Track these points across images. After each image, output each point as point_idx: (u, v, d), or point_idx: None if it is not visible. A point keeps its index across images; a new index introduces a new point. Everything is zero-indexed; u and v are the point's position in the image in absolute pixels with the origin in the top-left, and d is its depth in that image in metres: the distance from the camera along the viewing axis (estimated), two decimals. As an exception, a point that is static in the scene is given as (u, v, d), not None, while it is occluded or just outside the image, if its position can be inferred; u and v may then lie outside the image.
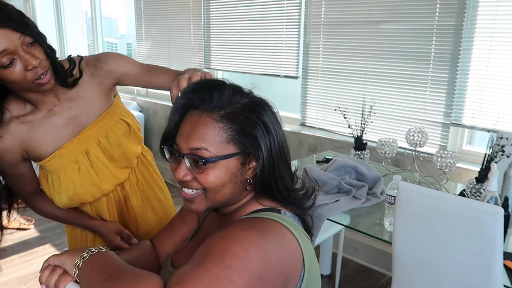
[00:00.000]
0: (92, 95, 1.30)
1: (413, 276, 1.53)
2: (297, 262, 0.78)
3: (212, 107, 0.80)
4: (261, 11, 3.20)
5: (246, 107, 0.81)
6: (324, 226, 1.86)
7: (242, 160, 0.81)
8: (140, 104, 4.43)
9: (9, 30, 1.02)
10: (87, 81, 1.30)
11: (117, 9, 5.69)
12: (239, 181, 0.82)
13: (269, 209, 0.84)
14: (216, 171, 0.79)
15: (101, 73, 1.32)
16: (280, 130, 0.85)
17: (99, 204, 1.40)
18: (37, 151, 1.27)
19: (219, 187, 0.81)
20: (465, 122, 2.34)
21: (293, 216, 0.86)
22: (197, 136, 0.79)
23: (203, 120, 0.79)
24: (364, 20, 2.65)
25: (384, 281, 2.67)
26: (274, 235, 0.76)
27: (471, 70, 2.28)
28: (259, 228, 0.75)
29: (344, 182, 1.94)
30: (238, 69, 3.50)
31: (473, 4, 2.21)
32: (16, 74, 1.06)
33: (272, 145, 0.82)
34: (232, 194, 0.83)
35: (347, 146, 2.76)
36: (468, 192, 1.85)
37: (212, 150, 0.78)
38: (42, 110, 1.23)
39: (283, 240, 0.76)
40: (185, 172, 0.81)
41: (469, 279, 1.37)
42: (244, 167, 0.82)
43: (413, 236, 1.49)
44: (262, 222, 0.79)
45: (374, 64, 2.65)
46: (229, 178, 0.81)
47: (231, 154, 0.80)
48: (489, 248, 1.31)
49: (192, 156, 0.79)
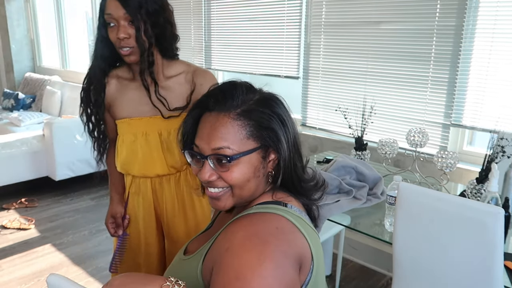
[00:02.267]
0: (181, 96, 1.48)
1: (414, 276, 1.53)
2: (305, 254, 0.80)
3: (228, 107, 0.83)
4: (262, 11, 3.20)
5: (259, 103, 0.85)
6: (325, 226, 1.86)
7: (263, 154, 0.84)
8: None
9: (119, 4, 1.29)
10: (184, 82, 1.51)
11: (117, 9, 5.68)
12: (262, 174, 0.86)
13: (276, 202, 0.86)
14: (240, 168, 0.82)
15: (198, 86, 1.49)
16: (292, 121, 0.89)
17: (140, 183, 1.55)
18: (115, 110, 1.50)
19: (244, 182, 0.84)
20: (466, 123, 2.34)
21: (299, 210, 0.87)
22: (218, 136, 0.82)
23: (221, 120, 0.83)
24: (365, 21, 2.65)
25: (384, 281, 2.67)
26: (277, 236, 0.77)
27: (471, 71, 2.28)
28: (261, 237, 0.76)
29: (344, 183, 1.94)
30: (239, 70, 3.50)
31: (473, 4, 2.21)
32: (112, 35, 1.35)
33: (289, 136, 0.86)
34: (256, 188, 0.86)
35: (348, 146, 2.76)
36: (469, 192, 1.85)
37: (234, 147, 0.81)
38: (136, 82, 1.45)
39: (286, 236, 0.78)
40: (210, 173, 0.84)
41: (470, 279, 1.37)
42: (265, 160, 0.85)
43: (413, 236, 1.49)
44: (263, 220, 0.81)
45: (374, 64, 2.65)
46: (252, 173, 0.84)
47: (253, 149, 0.83)
48: (490, 249, 1.31)
49: (216, 156, 0.82)
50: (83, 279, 2.63)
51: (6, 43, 5.78)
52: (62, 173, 3.84)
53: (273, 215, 0.81)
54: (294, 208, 0.86)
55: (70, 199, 3.82)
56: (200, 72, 1.55)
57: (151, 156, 1.49)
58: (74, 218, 3.46)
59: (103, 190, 3.99)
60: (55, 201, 3.77)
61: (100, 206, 3.67)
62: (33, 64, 6.02)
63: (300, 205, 0.90)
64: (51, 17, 5.59)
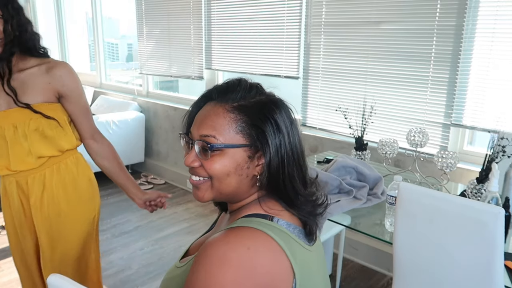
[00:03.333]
0: (36, 87, 1.47)
1: (414, 276, 1.53)
2: (279, 277, 0.76)
3: (227, 99, 0.84)
4: (262, 12, 3.20)
5: (260, 103, 0.84)
6: (325, 226, 1.86)
7: (250, 154, 0.83)
8: (140, 104, 4.43)
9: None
10: (38, 74, 1.49)
11: (118, 10, 5.68)
12: (246, 174, 0.83)
13: (262, 216, 0.83)
14: (222, 159, 0.81)
15: (57, 77, 1.50)
16: (294, 133, 0.86)
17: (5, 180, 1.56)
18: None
19: (224, 175, 0.82)
20: (466, 123, 2.34)
21: (288, 224, 0.83)
22: (207, 123, 0.82)
23: (216, 110, 0.83)
24: (365, 21, 2.65)
25: (385, 281, 2.67)
26: (243, 261, 0.73)
27: (471, 71, 2.28)
28: (224, 260, 0.73)
29: (345, 183, 1.94)
30: (239, 70, 3.50)
31: (473, 4, 2.21)
32: None
33: (282, 144, 0.83)
34: (237, 186, 0.84)
35: (348, 146, 2.76)
36: (469, 192, 1.85)
37: (220, 138, 0.81)
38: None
39: (256, 259, 0.74)
40: (194, 159, 0.84)
41: (470, 279, 1.37)
42: (252, 161, 0.83)
43: (413, 236, 1.49)
44: (239, 237, 0.76)
45: (374, 64, 2.65)
46: (234, 168, 0.82)
47: (238, 145, 0.82)
48: (490, 249, 1.31)
49: (201, 142, 0.82)
50: (84, 280, 2.63)
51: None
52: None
53: (253, 232, 0.77)
54: (282, 222, 0.82)
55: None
56: (57, 63, 1.54)
57: (8, 150, 1.48)
58: (75, 219, 3.45)
59: (103, 190, 3.98)
60: (56, 202, 3.76)
61: (101, 206, 3.66)
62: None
63: (295, 219, 0.85)
64: (51, 17, 5.59)
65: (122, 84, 5.14)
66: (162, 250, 2.98)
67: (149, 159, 4.49)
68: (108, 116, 4.12)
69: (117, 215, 3.50)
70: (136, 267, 2.78)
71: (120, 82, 5.31)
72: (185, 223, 3.38)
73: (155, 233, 3.22)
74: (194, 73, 3.89)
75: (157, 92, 4.50)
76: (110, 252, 2.95)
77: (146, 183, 4.13)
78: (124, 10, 5.25)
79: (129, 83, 5.13)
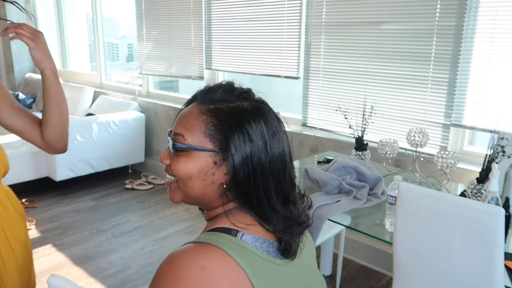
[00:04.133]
0: None
1: (414, 276, 1.53)
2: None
3: (205, 100, 0.82)
4: (262, 12, 3.20)
5: (236, 109, 0.80)
6: (325, 226, 1.86)
7: (216, 160, 0.79)
8: (141, 104, 4.43)
9: None
10: None
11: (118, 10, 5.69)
12: (211, 180, 0.80)
13: (225, 230, 0.78)
14: (186, 161, 0.80)
15: None
16: (275, 146, 0.80)
17: None
18: None
19: (187, 178, 0.80)
20: (466, 123, 2.34)
21: (255, 238, 0.78)
22: (182, 122, 0.81)
23: (192, 110, 0.82)
24: (365, 21, 2.65)
25: (385, 281, 2.67)
26: (195, 282, 0.70)
27: (471, 71, 2.28)
28: (175, 280, 0.70)
29: (345, 183, 1.94)
30: (239, 70, 3.51)
31: (473, 4, 2.21)
32: None
33: (254, 156, 0.78)
34: (202, 191, 0.81)
35: (348, 146, 2.76)
36: (469, 192, 1.85)
37: (188, 138, 0.79)
38: None
39: (208, 281, 0.70)
40: (166, 156, 0.83)
41: (470, 279, 1.37)
42: (219, 168, 0.79)
43: (414, 236, 1.49)
44: (195, 255, 0.73)
45: (375, 64, 2.65)
46: (196, 172, 0.79)
47: (204, 148, 0.79)
48: (490, 249, 1.31)
49: (172, 141, 0.82)
50: (84, 280, 2.63)
51: (6, 44, 5.78)
52: (62, 174, 3.84)
53: (210, 250, 0.73)
54: (247, 236, 0.77)
55: (71, 200, 3.82)
56: None
57: None
58: (75, 219, 3.46)
59: (104, 190, 3.99)
60: (56, 202, 3.77)
61: (101, 206, 3.67)
62: (34, 65, 6.02)
63: (267, 233, 0.80)
64: (51, 17, 5.59)
65: (122, 84, 5.15)
66: (162, 250, 2.98)
67: (149, 159, 4.49)
68: (108, 116, 4.12)
69: (117, 215, 3.50)
70: (136, 267, 2.78)
71: (120, 82, 5.31)
72: (185, 223, 3.38)
73: (155, 233, 3.22)
74: (194, 73, 3.89)
75: (157, 92, 4.50)
76: (110, 252, 2.95)
77: (146, 183, 4.13)
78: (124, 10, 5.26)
79: (129, 83, 5.13)
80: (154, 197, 3.86)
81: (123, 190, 4.01)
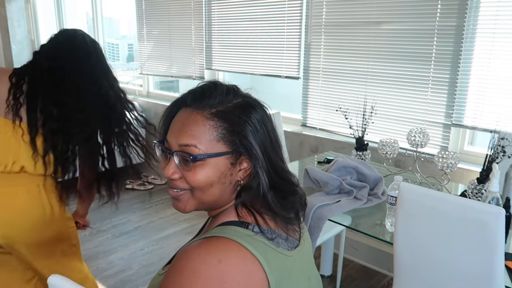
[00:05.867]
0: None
1: (414, 276, 1.53)
2: (256, 285, 0.73)
3: (204, 105, 0.80)
4: (263, 12, 3.20)
5: (238, 107, 0.81)
6: (325, 226, 1.86)
7: (232, 160, 0.80)
8: (141, 104, 4.43)
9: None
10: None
11: (118, 10, 5.68)
12: (229, 181, 0.81)
13: (237, 223, 0.79)
14: (205, 170, 0.78)
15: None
16: (272, 131, 0.84)
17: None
18: None
19: (207, 186, 0.79)
20: (466, 123, 2.34)
21: (265, 230, 0.79)
22: (187, 132, 0.78)
23: (194, 117, 0.79)
24: (366, 21, 2.65)
25: (385, 281, 2.67)
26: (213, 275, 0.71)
27: (472, 71, 2.28)
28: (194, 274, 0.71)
29: (345, 183, 1.94)
30: (239, 70, 3.50)
31: (474, 4, 2.20)
32: None
33: (266, 147, 0.81)
34: (220, 195, 0.82)
35: (348, 146, 2.76)
36: (470, 192, 1.85)
37: (202, 147, 0.77)
38: None
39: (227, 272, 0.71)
40: (174, 170, 0.80)
41: (471, 280, 1.37)
42: (235, 168, 0.80)
43: (414, 236, 1.49)
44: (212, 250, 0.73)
45: (375, 64, 2.65)
46: (217, 178, 0.79)
47: (221, 153, 0.78)
48: (491, 249, 1.30)
49: (181, 153, 0.79)
50: None
51: (6, 44, 5.78)
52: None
53: (226, 243, 0.74)
54: (258, 228, 0.79)
55: (71, 200, 3.81)
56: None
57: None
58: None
59: (104, 190, 3.98)
60: (56, 202, 3.77)
61: (101, 206, 3.66)
62: (34, 65, 6.01)
63: (273, 224, 0.82)
64: (52, 17, 5.59)
65: (123, 84, 5.12)
66: (163, 251, 2.98)
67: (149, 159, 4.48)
68: (109, 116, 4.11)
69: (118, 215, 3.50)
70: (137, 267, 2.78)
71: (120, 82, 5.30)
72: (186, 223, 3.38)
73: (155, 233, 3.22)
74: (194, 73, 3.89)
75: (158, 92, 4.50)
76: (111, 252, 2.95)
77: (147, 183, 4.13)
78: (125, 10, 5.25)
79: (130, 83, 5.14)
80: (155, 197, 3.86)
81: (123, 190, 3.97)
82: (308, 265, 0.91)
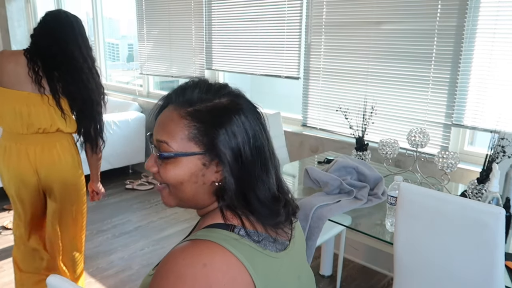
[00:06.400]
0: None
1: (415, 276, 1.53)
2: (243, 285, 0.73)
3: (183, 103, 0.80)
4: (263, 12, 3.20)
5: (216, 108, 0.79)
6: (326, 226, 1.86)
7: (205, 161, 0.79)
8: (141, 104, 4.43)
9: None
10: None
11: (118, 10, 5.68)
12: (201, 181, 0.80)
13: (222, 226, 0.79)
14: (174, 168, 0.79)
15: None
16: (257, 136, 0.81)
17: None
18: None
19: (178, 184, 0.80)
20: (467, 123, 2.34)
21: (251, 232, 0.79)
22: (163, 129, 0.80)
23: (171, 115, 0.80)
24: (366, 21, 2.65)
25: (385, 281, 2.67)
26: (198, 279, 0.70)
27: (472, 71, 2.28)
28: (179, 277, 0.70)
29: (345, 183, 1.94)
30: (240, 70, 3.51)
31: (474, 4, 2.20)
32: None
33: (241, 149, 0.78)
34: (193, 193, 0.81)
35: (349, 146, 2.76)
36: (470, 192, 1.85)
37: (173, 145, 0.78)
38: None
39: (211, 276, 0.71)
40: (152, 163, 0.82)
41: (471, 280, 1.37)
42: (208, 168, 0.79)
43: (414, 237, 1.49)
44: (196, 253, 0.73)
45: (375, 64, 2.65)
46: (188, 177, 0.79)
47: (191, 153, 0.78)
48: (491, 249, 1.30)
49: (155, 149, 0.81)
50: (84, 280, 2.63)
51: (7, 44, 5.78)
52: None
53: (211, 246, 0.73)
54: (244, 231, 0.78)
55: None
56: None
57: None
58: (75, 219, 3.45)
59: (104, 190, 3.98)
60: (56, 202, 3.77)
61: (101, 206, 3.67)
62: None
63: (261, 227, 0.81)
64: (52, 17, 5.58)
65: (123, 84, 5.15)
66: (163, 251, 2.97)
67: (149, 159, 4.48)
68: (109, 116, 4.12)
69: (118, 215, 3.50)
70: (137, 267, 2.78)
71: (120, 82, 5.32)
72: (186, 223, 3.38)
73: (155, 233, 3.22)
74: (195, 73, 3.89)
75: (158, 93, 4.50)
76: (111, 252, 2.95)
77: (147, 183, 4.13)
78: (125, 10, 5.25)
79: (130, 84, 5.14)
80: (155, 197, 3.86)
81: (124, 190, 4.01)
82: (299, 264, 0.91)
